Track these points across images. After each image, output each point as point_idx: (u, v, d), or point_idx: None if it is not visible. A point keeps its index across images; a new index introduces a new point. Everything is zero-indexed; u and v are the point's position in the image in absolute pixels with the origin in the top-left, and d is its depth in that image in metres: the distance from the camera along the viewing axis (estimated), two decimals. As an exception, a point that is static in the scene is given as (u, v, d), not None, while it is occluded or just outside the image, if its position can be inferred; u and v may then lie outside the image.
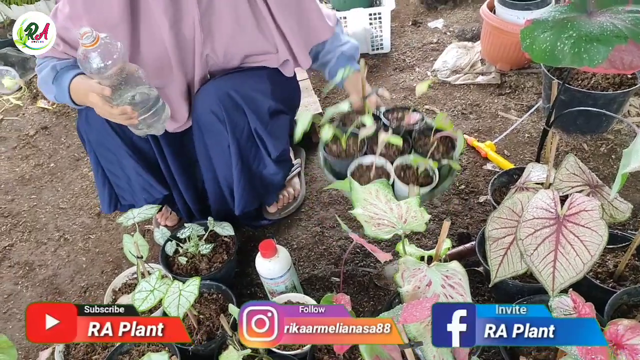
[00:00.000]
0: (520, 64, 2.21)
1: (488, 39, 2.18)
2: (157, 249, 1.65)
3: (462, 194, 1.80)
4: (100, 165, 1.50)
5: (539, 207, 1.17)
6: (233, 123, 1.44)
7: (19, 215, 2.04)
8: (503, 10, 2.06)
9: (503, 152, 1.92)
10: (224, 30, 1.41)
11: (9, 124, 2.54)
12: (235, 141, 1.47)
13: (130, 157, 1.47)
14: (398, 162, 1.39)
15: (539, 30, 1.07)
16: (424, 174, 1.37)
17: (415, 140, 1.45)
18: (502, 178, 1.60)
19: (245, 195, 1.56)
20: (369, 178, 1.36)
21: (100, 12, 1.29)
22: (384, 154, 1.41)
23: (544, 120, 1.98)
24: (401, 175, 1.37)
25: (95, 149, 1.47)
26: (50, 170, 2.23)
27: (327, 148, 1.47)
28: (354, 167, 1.39)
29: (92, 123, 1.43)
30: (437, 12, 2.73)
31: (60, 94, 1.36)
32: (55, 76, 1.37)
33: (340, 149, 1.46)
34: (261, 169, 1.56)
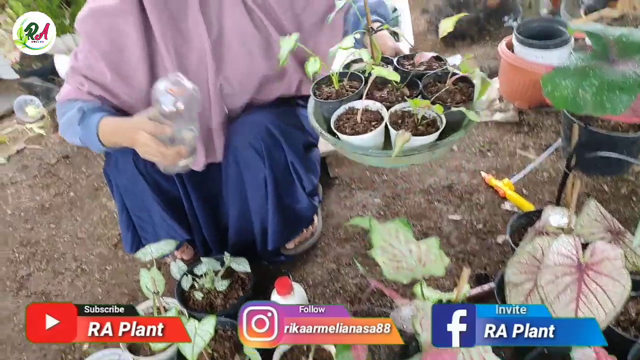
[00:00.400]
0: (539, 102, 2.21)
1: (506, 76, 2.19)
2: (173, 281, 1.65)
3: (480, 233, 1.79)
4: (125, 208, 1.52)
5: (560, 254, 1.15)
6: (271, 157, 1.46)
7: (38, 244, 2.06)
8: (521, 48, 2.07)
9: (521, 191, 1.90)
10: (235, 57, 1.43)
11: (31, 153, 2.59)
12: (273, 176, 1.47)
13: (156, 202, 1.48)
14: (397, 108, 1.19)
15: (560, 77, 1.07)
16: (426, 123, 1.16)
17: (427, 87, 1.23)
18: (521, 220, 1.58)
19: (279, 230, 1.57)
20: (355, 123, 1.18)
21: (122, 53, 1.33)
22: (384, 100, 1.21)
23: (563, 159, 1.97)
24: (398, 122, 1.17)
25: (122, 192, 1.49)
26: (70, 200, 2.26)
27: (318, 91, 1.29)
28: (342, 111, 1.23)
29: (122, 168, 1.45)
30: (454, 49, 2.76)
31: (87, 136, 1.33)
32: (81, 117, 1.34)
33: (332, 92, 1.27)
34: (295, 203, 1.57)
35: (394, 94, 1.23)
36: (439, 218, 1.87)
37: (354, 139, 1.16)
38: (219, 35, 1.39)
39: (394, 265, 1.19)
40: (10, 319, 1.78)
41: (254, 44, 1.42)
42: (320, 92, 1.28)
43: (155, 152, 1.23)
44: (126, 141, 1.28)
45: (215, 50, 1.40)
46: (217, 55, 1.41)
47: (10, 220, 2.20)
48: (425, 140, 1.13)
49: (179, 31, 1.36)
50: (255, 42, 1.42)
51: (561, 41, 2.00)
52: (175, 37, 1.36)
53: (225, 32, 1.39)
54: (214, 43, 1.39)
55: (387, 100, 1.22)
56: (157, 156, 1.24)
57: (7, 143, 2.69)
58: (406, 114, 1.18)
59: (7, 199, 2.33)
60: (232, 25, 1.40)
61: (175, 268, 1.60)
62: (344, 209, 1.96)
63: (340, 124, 1.20)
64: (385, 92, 1.25)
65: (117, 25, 1.34)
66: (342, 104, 1.22)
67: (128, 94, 1.41)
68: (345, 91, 1.25)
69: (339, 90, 1.26)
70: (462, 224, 1.83)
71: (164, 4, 1.33)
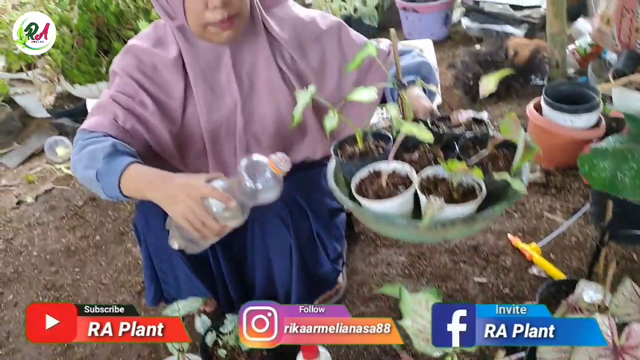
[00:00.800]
0: (566, 164, 2.20)
1: (534, 137, 2.18)
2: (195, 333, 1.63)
3: (506, 298, 1.76)
4: (151, 263, 1.52)
5: (594, 334, 1.13)
6: (297, 227, 1.44)
7: (62, 289, 2.07)
8: (550, 111, 2.08)
9: (548, 256, 1.88)
10: (264, 114, 1.44)
11: (58, 193, 2.63)
12: (298, 245, 1.46)
13: (182, 262, 1.48)
14: (429, 172, 1.07)
15: (598, 158, 1.08)
16: (461, 189, 1.03)
17: (464, 151, 1.10)
18: (550, 289, 1.56)
19: (303, 298, 1.55)
20: (379, 186, 1.07)
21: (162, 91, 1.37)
22: (414, 161, 1.11)
23: (591, 224, 1.96)
24: (429, 189, 1.04)
25: (150, 249, 1.49)
26: (96, 243, 2.28)
27: (340, 149, 1.19)
28: (365, 174, 1.11)
29: (152, 226, 1.44)
30: (480, 105, 2.77)
31: (106, 174, 1.19)
32: (110, 153, 1.21)
33: (356, 151, 1.16)
34: (318, 269, 1.56)
35: (426, 158, 1.12)
36: (465, 280, 1.85)
37: (376, 205, 1.05)
38: (250, 92, 1.41)
39: (424, 337, 1.17)
40: (32, 365, 1.79)
41: (283, 102, 1.44)
42: (342, 151, 1.18)
43: (198, 220, 1.13)
44: (162, 196, 1.16)
45: (245, 107, 1.42)
46: (247, 112, 1.43)
47: (35, 262, 2.22)
48: (462, 210, 0.99)
49: (211, 86, 1.39)
50: (284, 100, 1.44)
51: (590, 106, 2.00)
52: (207, 91, 1.39)
53: (256, 89, 1.42)
54: (244, 100, 1.41)
55: (418, 163, 1.11)
56: (197, 225, 1.14)
57: (36, 182, 2.74)
58: (439, 180, 1.06)
59: (33, 240, 2.35)
60: (264, 82, 1.42)
61: (199, 322, 1.59)
62: (368, 266, 1.95)
63: (362, 188, 1.09)
64: (416, 154, 1.14)
65: (158, 63, 1.36)
66: (365, 165, 1.11)
67: (165, 131, 1.38)
68: (370, 151, 1.15)
69: (363, 150, 1.15)
70: (488, 288, 1.80)
71: (199, 57, 1.36)
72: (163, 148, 1.41)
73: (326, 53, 1.44)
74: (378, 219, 1.07)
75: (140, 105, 1.35)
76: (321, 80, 1.46)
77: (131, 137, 1.34)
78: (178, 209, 1.15)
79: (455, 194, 1.03)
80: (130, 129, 1.34)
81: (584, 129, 2.04)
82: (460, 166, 0.98)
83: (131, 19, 2.33)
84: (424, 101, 1.29)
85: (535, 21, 3.04)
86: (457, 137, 1.14)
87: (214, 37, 1.25)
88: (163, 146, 1.41)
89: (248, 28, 1.34)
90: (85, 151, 1.23)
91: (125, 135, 1.33)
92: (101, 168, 1.19)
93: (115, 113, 1.32)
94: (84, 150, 1.24)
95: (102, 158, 1.19)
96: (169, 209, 1.17)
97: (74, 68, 2.18)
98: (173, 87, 1.38)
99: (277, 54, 1.39)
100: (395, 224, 1.06)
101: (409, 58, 1.41)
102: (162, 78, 1.37)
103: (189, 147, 1.45)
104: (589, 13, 3.22)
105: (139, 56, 1.37)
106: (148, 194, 1.18)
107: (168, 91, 1.38)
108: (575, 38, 3.02)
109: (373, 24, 3.57)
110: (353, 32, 1.48)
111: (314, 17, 1.44)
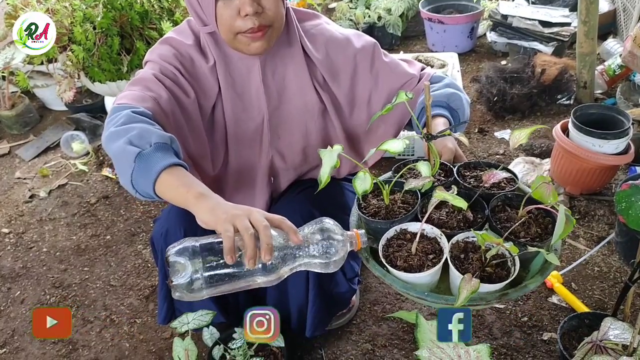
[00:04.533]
0: (592, 189, 2.14)
1: (559, 161, 2.13)
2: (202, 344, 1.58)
3: (524, 327, 1.70)
4: (166, 282, 1.48)
5: (621, 378, 1.08)
6: None
7: (70, 288, 2.05)
8: (578, 135, 2.02)
9: (570, 285, 1.82)
10: (291, 131, 1.39)
11: (72, 189, 2.61)
12: None
13: None
14: (459, 238, 1.03)
15: (637, 196, 1.02)
16: (494, 261, 0.99)
17: (494, 211, 1.07)
18: (572, 321, 1.50)
19: (318, 317, 1.50)
20: (408, 252, 1.02)
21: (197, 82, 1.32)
22: (443, 224, 1.06)
23: (615, 254, 1.89)
24: (460, 257, 1.01)
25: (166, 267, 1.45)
26: (106, 243, 2.25)
27: (364, 204, 1.12)
28: (392, 234, 1.06)
29: (170, 243, 1.39)
30: (504, 122, 2.71)
31: (150, 161, 1.02)
32: (162, 143, 1.05)
33: (382, 207, 1.10)
34: (333, 287, 1.51)
35: (455, 218, 1.07)
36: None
37: (406, 276, 1.00)
38: (278, 106, 1.37)
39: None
40: (35, 366, 1.76)
41: (312, 121, 1.40)
42: (366, 205, 1.12)
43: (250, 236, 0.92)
44: (213, 204, 0.97)
45: (272, 121, 1.38)
46: (274, 126, 1.39)
47: (45, 259, 2.20)
48: (495, 287, 0.96)
49: (241, 97, 1.34)
50: (313, 119, 1.40)
51: (621, 132, 1.94)
52: (235, 100, 1.34)
53: (285, 105, 1.37)
54: (271, 114, 1.37)
55: (447, 225, 1.06)
56: (246, 236, 0.92)
57: (50, 176, 2.72)
58: (470, 246, 1.03)
59: (44, 235, 2.33)
60: (294, 99, 1.37)
61: (207, 334, 1.55)
62: (382, 284, 1.90)
63: (390, 251, 1.04)
64: (443, 212, 1.09)
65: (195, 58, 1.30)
66: (392, 225, 1.06)
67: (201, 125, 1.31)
68: (397, 208, 1.09)
69: (389, 206, 1.10)
70: (506, 315, 1.75)
71: (230, 65, 1.31)
72: (197, 142, 1.32)
73: (358, 77, 1.39)
74: (407, 289, 1.02)
75: (182, 92, 1.27)
76: (351, 106, 1.42)
77: (169, 120, 1.23)
78: (236, 212, 0.94)
79: (488, 267, 0.99)
80: (171, 113, 1.23)
81: (613, 155, 1.97)
82: (495, 240, 0.95)
83: (155, 19, 2.30)
84: (449, 143, 1.24)
85: (565, 39, 2.97)
86: (486, 195, 1.09)
87: (244, 46, 1.20)
88: (197, 140, 1.32)
89: (282, 41, 1.29)
90: (137, 126, 1.07)
91: (166, 118, 1.22)
92: (148, 151, 1.03)
93: (159, 94, 1.21)
94: (134, 124, 1.08)
95: (153, 142, 1.04)
96: (219, 212, 0.95)
97: (94, 65, 2.15)
98: (209, 86, 1.31)
99: (311, 73, 1.35)
100: (426, 299, 1.02)
101: (439, 86, 1.34)
102: (199, 72, 1.30)
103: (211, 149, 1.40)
104: (619, 33, 3.15)
105: (177, 47, 1.29)
106: (193, 200, 0.99)
107: (204, 88, 1.31)
108: (605, 58, 2.95)
109: (397, 32, 3.52)
110: (386, 55, 1.43)
111: (348, 36, 1.38)
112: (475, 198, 1.07)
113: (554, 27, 3.03)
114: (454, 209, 1.09)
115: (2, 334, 1.89)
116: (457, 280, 0.96)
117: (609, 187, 2.18)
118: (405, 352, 1.67)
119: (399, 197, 1.12)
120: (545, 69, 2.68)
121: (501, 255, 1.00)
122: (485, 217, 1.05)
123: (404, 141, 1.05)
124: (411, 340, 1.69)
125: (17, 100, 3.13)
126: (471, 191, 1.09)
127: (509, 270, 0.99)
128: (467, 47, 3.44)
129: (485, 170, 1.15)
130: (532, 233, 1.01)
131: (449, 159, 1.21)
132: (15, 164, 2.88)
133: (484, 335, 1.68)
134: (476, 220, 1.06)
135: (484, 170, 1.16)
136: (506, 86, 2.70)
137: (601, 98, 2.76)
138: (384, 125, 1.43)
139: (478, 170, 1.18)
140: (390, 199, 1.11)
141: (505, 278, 0.97)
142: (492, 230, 1.05)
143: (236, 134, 1.38)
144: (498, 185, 1.12)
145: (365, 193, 1.10)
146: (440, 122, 1.25)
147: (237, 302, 1.56)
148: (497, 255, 0.99)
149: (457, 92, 1.31)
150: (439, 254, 1.01)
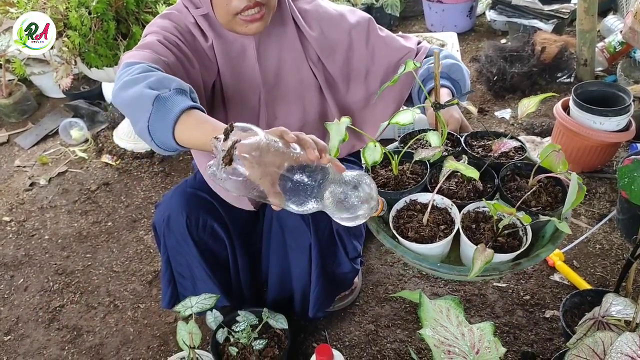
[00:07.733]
0: (593, 167, 2.13)
1: (560, 139, 2.12)
2: (206, 327, 1.59)
3: (526, 305, 1.71)
4: (169, 266, 1.48)
5: (623, 353, 1.08)
6: (317, 224, 1.39)
7: (73, 275, 2.05)
8: (579, 112, 2.01)
9: (572, 263, 1.82)
10: (288, 109, 1.39)
11: (72, 177, 2.60)
12: (317, 243, 1.41)
13: (201, 266, 1.44)
14: (470, 208, 1.03)
15: (639, 171, 1.01)
16: (506, 231, 0.98)
17: (504, 181, 1.06)
18: (574, 299, 1.51)
19: (321, 298, 1.51)
20: (419, 223, 1.01)
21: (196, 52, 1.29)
22: (453, 194, 1.06)
23: (617, 231, 1.89)
24: (472, 227, 1.01)
25: (169, 252, 1.45)
26: (108, 229, 2.25)
27: (372, 175, 1.12)
28: (402, 205, 1.06)
29: (173, 228, 1.40)
30: (504, 102, 2.70)
31: (170, 102, 0.97)
32: (182, 87, 1.01)
33: (390, 177, 1.10)
34: (336, 268, 1.52)
35: (465, 187, 1.06)
36: (484, 284, 1.79)
37: (418, 247, 1.00)
38: (275, 87, 1.36)
39: (444, 349, 1.13)
40: (41, 353, 1.76)
41: (309, 100, 1.39)
42: (374, 176, 1.10)
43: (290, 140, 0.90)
44: None
45: (268, 101, 1.37)
46: (270, 106, 1.38)
47: (47, 246, 2.20)
48: (508, 257, 0.96)
49: (237, 77, 1.32)
50: (310, 98, 1.39)
51: (621, 109, 1.93)
52: (233, 80, 1.32)
53: (281, 84, 1.36)
54: (268, 93, 1.36)
55: (457, 195, 1.05)
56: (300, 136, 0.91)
57: (50, 164, 2.71)
58: (481, 216, 1.02)
59: (45, 223, 2.33)
60: (290, 78, 1.36)
61: (210, 317, 1.56)
62: (384, 265, 1.91)
63: (400, 222, 1.03)
64: (453, 182, 1.09)
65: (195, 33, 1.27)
66: (402, 196, 1.06)
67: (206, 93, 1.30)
68: (406, 178, 1.09)
69: (398, 177, 1.09)
70: (508, 293, 1.75)
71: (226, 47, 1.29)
72: None
73: (354, 53, 1.38)
74: (419, 260, 1.02)
75: (187, 61, 1.23)
76: (347, 82, 1.41)
77: None
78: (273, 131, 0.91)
79: (500, 237, 0.98)
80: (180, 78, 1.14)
81: (614, 132, 1.96)
82: (507, 210, 0.94)
83: (151, 3, 2.27)
84: (455, 113, 1.24)
85: (565, 16, 2.95)
86: (495, 165, 1.08)
87: (241, 27, 1.19)
88: None
89: (276, 20, 1.28)
90: (155, 73, 1.04)
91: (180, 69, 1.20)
92: (167, 94, 0.98)
93: (167, 57, 1.16)
94: (151, 72, 1.04)
95: (172, 87, 1.00)
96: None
97: (91, 51, 2.12)
98: (210, 64, 1.29)
99: (305, 51, 1.34)
100: (439, 270, 1.02)
101: None
102: (199, 49, 1.27)
103: None
104: (619, 9, 3.12)
105: (177, 22, 1.26)
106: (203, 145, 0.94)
107: (206, 64, 1.28)
108: (605, 35, 2.93)
109: (395, 13, 3.48)
110: (381, 30, 1.41)
111: (342, 12, 1.37)
112: (485, 168, 1.06)
113: (554, 4, 3.00)
114: (464, 179, 1.08)
115: (6, 321, 1.89)
116: (469, 251, 0.95)
117: (610, 164, 2.17)
118: (408, 332, 1.67)
119: (408, 168, 1.11)
120: (545, 47, 2.65)
121: (512, 225, 0.99)
122: (496, 186, 1.04)
123: (413, 112, 1.05)
124: (414, 321, 1.70)
125: (14, 88, 3.11)
126: (480, 161, 1.09)
127: (521, 240, 0.98)
128: (467, 27, 3.41)
129: (493, 140, 1.14)
130: (542, 202, 1.00)
131: (455, 128, 1.21)
132: (14, 152, 2.87)
133: (486, 314, 1.69)
134: (486, 190, 1.06)
135: (492, 139, 1.16)
136: (506, 65, 2.68)
137: (602, 75, 2.74)
138: (382, 102, 1.42)
139: (485, 139, 1.18)
140: (398, 170, 1.10)
141: (517, 248, 0.96)
142: (503, 200, 1.05)
143: (234, 114, 1.37)
144: (506, 154, 1.11)
145: (375, 164, 1.08)
146: (444, 93, 1.25)
147: (240, 285, 1.56)
148: (509, 225, 0.99)
149: (457, 63, 1.31)
150: (451, 225, 1.01)
